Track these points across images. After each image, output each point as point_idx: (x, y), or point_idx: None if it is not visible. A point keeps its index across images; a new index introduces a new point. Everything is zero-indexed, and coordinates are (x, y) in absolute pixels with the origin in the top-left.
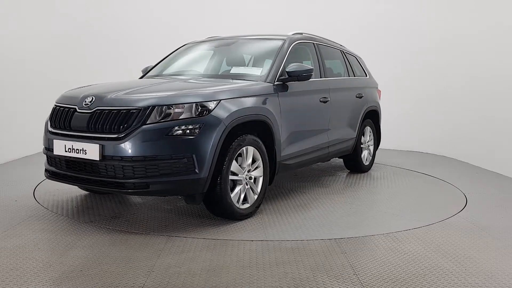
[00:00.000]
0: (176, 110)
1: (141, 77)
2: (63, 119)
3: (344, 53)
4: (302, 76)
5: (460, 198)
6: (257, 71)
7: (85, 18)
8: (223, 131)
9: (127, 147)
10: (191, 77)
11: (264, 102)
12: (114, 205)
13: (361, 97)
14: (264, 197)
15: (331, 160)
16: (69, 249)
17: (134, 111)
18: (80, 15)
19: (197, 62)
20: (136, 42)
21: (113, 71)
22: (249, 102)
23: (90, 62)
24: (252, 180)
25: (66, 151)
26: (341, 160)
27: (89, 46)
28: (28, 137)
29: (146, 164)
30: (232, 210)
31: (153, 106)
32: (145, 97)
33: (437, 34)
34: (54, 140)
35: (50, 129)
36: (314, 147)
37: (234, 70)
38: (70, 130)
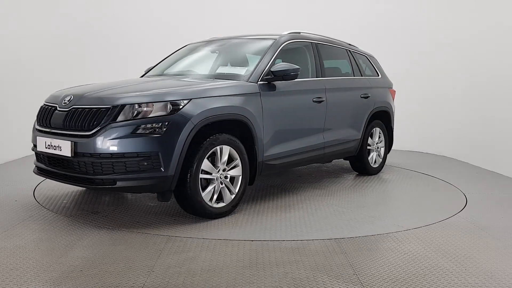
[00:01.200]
0: (145, 108)
1: (141, 76)
2: (45, 117)
3: (351, 53)
4: (288, 75)
5: (460, 198)
6: (241, 71)
7: (85, 18)
8: (191, 130)
9: (95, 144)
10: (177, 77)
11: (242, 102)
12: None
13: (367, 97)
14: (243, 196)
15: (342, 162)
16: (69, 249)
17: (104, 109)
18: (80, 15)
19: (189, 63)
20: (136, 42)
21: (114, 71)
22: (223, 101)
23: (90, 62)
24: (228, 179)
25: (46, 148)
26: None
27: (89, 46)
28: (28, 137)
29: (113, 161)
30: (203, 208)
31: (122, 105)
32: (115, 96)
33: (437, 35)
34: (37, 137)
35: (36, 126)
36: (305, 147)
37: (221, 70)
38: (50, 127)
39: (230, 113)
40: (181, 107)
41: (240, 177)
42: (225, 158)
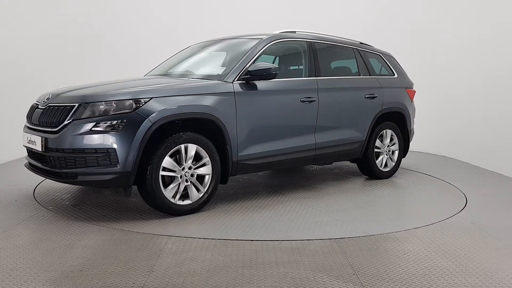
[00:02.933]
0: (107, 106)
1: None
2: (30, 114)
3: (359, 52)
4: (264, 75)
5: (460, 198)
6: (219, 71)
7: (85, 18)
8: (148, 128)
9: (60, 140)
10: (158, 76)
11: (210, 101)
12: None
13: (373, 98)
14: (214, 195)
15: (352, 165)
16: (69, 249)
17: (69, 107)
18: (80, 16)
19: (182, 63)
20: (138, 43)
21: (115, 72)
22: (186, 100)
23: (92, 62)
24: (195, 177)
25: (28, 143)
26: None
27: (91, 47)
28: None
29: (75, 156)
30: (165, 204)
31: (86, 103)
32: (81, 94)
33: (437, 35)
34: (24, 133)
35: (25, 123)
36: (291, 148)
37: (202, 70)
38: (32, 124)
39: (194, 112)
40: (140, 105)
41: (209, 176)
42: (190, 156)
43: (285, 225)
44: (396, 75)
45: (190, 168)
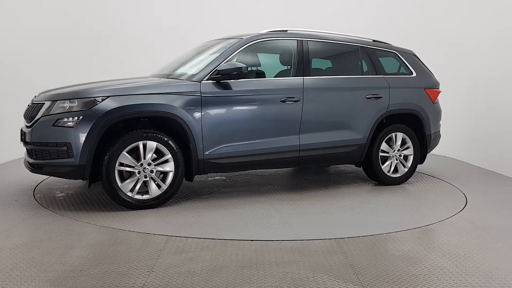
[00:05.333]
0: (70, 104)
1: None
2: (25, 112)
3: (366, 50)
4: (234, 74)
5: (460, 198)
6: (192, 71)
7: (89, 19)
8: (101, 124)
9: (31, 134)
10: (144, 77)
11: (171, 100)
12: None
13: (377, 98)
14: (176, 191)
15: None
16: (69, 249)
17: (41, 104)
18: (81, 16)
19: (174, 64)
20: (138, 42)
21: (115, 72)
22: (145, 98)
23: (92, 63)
24: (155, 174)
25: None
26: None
27: (91, 47)
28: None
29: (42, 149)
30: (121, 198)
31: (54, 101)
32: (51, 93)
33: (435, 35)
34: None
35: None
36: (269, 149)
37: (180, 70)
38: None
39: (151, 111)
40: (97, 103)
41: (171, 173)
42: (150, 153)
43: (221, 224)
44: (414, 74)
45: (149, 164)
